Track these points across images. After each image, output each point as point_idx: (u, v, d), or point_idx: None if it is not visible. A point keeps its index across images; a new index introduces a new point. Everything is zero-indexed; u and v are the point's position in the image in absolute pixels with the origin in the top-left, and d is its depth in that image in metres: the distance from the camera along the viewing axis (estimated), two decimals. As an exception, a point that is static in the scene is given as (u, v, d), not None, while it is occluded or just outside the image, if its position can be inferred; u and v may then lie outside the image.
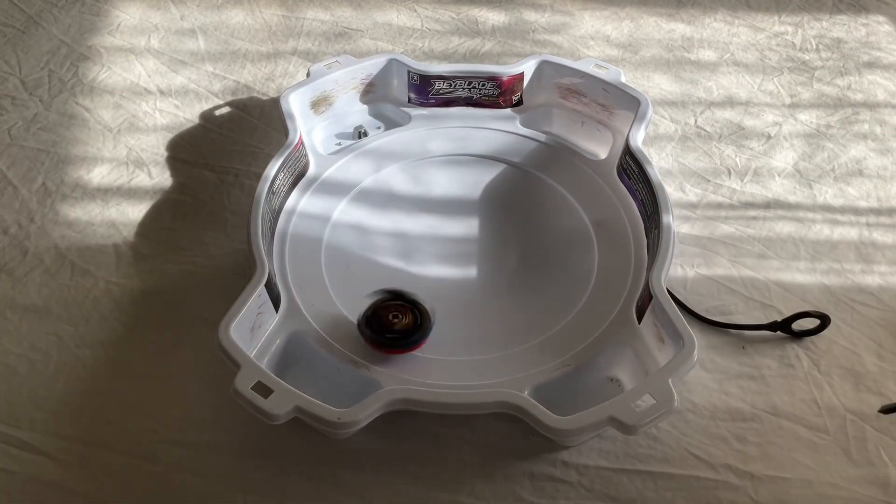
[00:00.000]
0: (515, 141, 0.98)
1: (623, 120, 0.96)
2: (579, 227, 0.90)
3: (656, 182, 0.86)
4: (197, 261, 0.91)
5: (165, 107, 1.07)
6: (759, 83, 1.12)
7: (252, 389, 0.70)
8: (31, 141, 1.02)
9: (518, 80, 0.99)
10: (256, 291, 0.77)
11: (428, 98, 1.00)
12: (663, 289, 0.77)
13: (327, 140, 0.99)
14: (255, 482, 0.74)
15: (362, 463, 0.76)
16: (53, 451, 0.76)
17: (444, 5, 1.23)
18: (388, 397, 0.71)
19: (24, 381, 0.81)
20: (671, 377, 0.71)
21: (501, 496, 0.74)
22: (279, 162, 0.88)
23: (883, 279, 0.91)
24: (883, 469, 0.76)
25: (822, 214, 0.97)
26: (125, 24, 1.18)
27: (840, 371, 0.83)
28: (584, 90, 0.99)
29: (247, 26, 1.18)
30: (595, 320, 0.81)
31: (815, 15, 1.23)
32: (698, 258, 0.92)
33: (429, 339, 0.79)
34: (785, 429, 0.79)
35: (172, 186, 0.98)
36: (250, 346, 0.76)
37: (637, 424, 0.68)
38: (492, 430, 0.77)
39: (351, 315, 0.82)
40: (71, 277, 0.89)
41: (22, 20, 1.18)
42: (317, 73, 0.98)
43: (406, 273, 0.87)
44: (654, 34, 1.19)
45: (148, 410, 0.79)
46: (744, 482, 0.75)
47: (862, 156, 1.04)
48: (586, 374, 0.79)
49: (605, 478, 0.75)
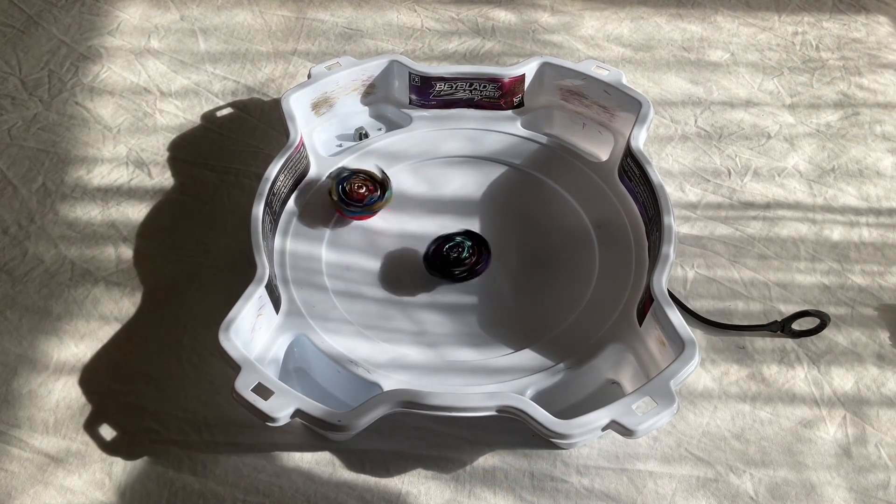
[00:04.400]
0: (516, 143, 0.98)
1: (624, 122, 0.96)
2: (580, 229, 0.90)
3: (657, 184, 0.86)
4: (197, 261, 0.91)
5: (165, 107, 1.07)
6: (759, 83, 1.12)
7: (252, 391, 0.70)
8: (31, 141, 1.02)
9: (519, 82, 0.99)
10: (257, 293, 0.77)
11: (429, 99, 1.00)
12: (664, 292, 0.77)
13: (328, 141, 0.99)
14: (256, 482, 0.75)
15: (362, 463, 0.76)
16: (53, 451, 0.76)
17: (444, 5, 1.23)
18: (389, 400, 0.71)
19: (24, 380, 0.81)
20: (672, 380, 0.71)
21: (501, 496, 0.74)
22: (280, 163, 0.88)
23: (882, 279, 0.91)
24: (883, 469, 0.76)
25: (823, 214, 0.97)
26: (125, 24, 1.18)
27: (840, 371, 0.83)
28: (585, 92, 0.99)
29: (247, 27, 1.18)
30: (596, 322, 0.82)
31: (816, 15, 1.23)
32: (698, 258, 0.92)
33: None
34: (785, 428, 0.79)
35: (172, 186, 0.98)
36: (250, 348, 0.76)
37: (638, 429, 0.68)
38: (492, 430, 0.77)
39: (352, 316, 0.82)
40: (71, 277, 0.89)
41: (22, 20, 1.18)
42: (318, 75, 0.98)
43: (407, 274, 0.87)
44: (655, 35, 1.19)
45: (148, 410, 0.79)
46: (744, 482, 0.75)
47: (862, 156, 1.04)
48: (587, 376, 0.79)
49: (605, 478, 0.75)
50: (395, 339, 0.81)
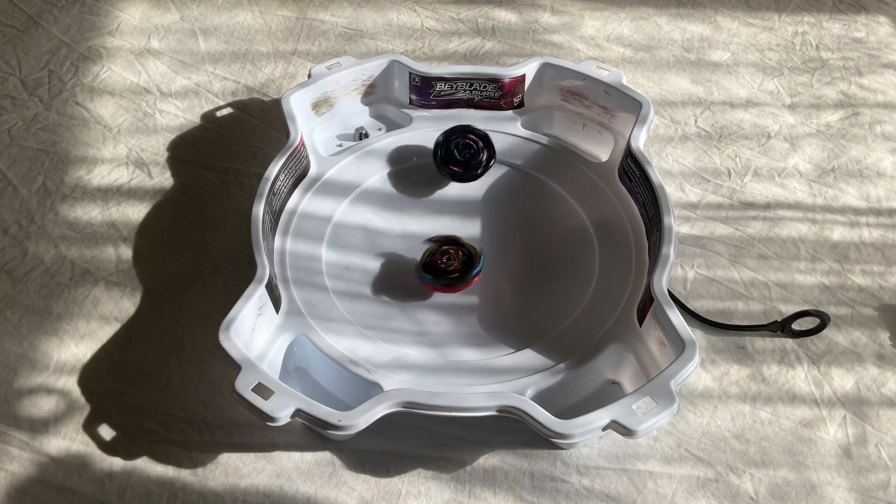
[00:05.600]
0: (516, 143, 0.98)
1: (624, 122, 0.96)
2: (580, 230, 0.90)
3: (658, 185, 0.86)
4: (197, 261, 0.91)
5: (165, 107, 1.07)
6: (759, 83, 1.12)
7: (252, 391, 0.70)
8: (31, 141, 1.02)
9: (519, 82, 0.99)
10: (257, 293, 0.77)
11: (429, 99, 1.00)
12: (665, 292, 0.77)
13: (328, 141, 0.99)
14: (256, 482, 0.75)
15: (362, 463, 0.76)
16: (53, 451, 0.76)
17: (444, 5, 1.23)
18: (389, 399, 0.71)
19: (25, 380, 0.81)
20: (673, 381, 0.71)
21: (501, 496, 0.74)
22: (280, 163, 0.88)
23: (882, 279, 0.91)
24: (883, 469, 0.76)
25: (823, 214, 0.97)
26: (125, 24, 1.18)
27: (840, 371, 0.83)
28: (585, 92, 0.99)
29: (247, 27, 1.18)
30: (596, 322, 0.82)
31: (816, 15, 1.23)
32: (698, 258, 0.92)
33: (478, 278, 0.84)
34: (785, 429, 0.79)
35: (172, 186, 0.98)
36: (251, 348, 0.76)
37: (639, 429, 0.68)
38: (492, 430, 0.77)
39: (352, 316, 0.82)
40: (71, 277, 0.89)
41: (22, 20, 1.18)
42: (318, 75, 0.98)
43: (407, 274, 0.87)
44: (655, 35, 1.19)
45: (148, 410, 0.79)
46: (744, 482, 0.75)
47: (862, 156, 1.04)
48: (587, 376, 0.79)
49: (605, 478, 0.75)
50: (395, 339, 0.81)
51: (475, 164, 0.93)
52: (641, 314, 0.80)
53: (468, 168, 0.93)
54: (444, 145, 0.93)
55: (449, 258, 0.84)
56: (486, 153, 0.93)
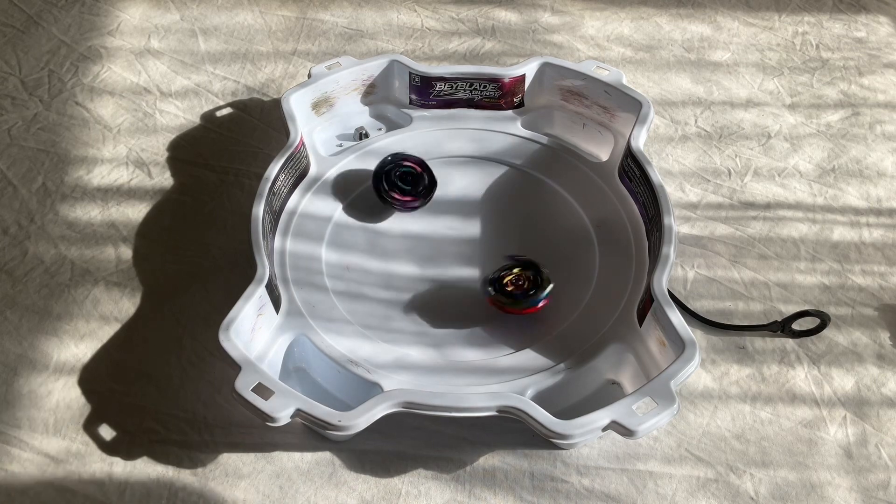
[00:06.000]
0: (517, 143, 0.98)
1: (624, 122, 0.96)
2: (580, 229, 0.90)
3: (658, 185, 0.86)
4: (197, 261, 0.91)
5: (165, 107, 1.07)
6: (759, 83, 1.12)
7: (252, 391, 0.70)
8: (31, 141, 1.02)
9: (519, 82, 0.99)
10: (257, 293, 0.77)
11: (429, 99, 1.00)
12: (665, 292, 0.77)
13: (328, 141, 0.99)
14: (256, 482, 0.74)
15: (362, 463, 0.76)
16: (53, 451, 0.76)
17: (444, 5, 1.23)
18: (389, 400, 0.71)
19: (24, 380, 0.81)
20: (673, 381, 0.71)
21: (501, 496, 0.74)
22: (280, 163, 0.88)
23: (883, 279, 0.91)
24: (883, 469, 0.76)
25: (823, 214, 0.97)
26: (125, 24, 1.18)
27: (840, 371, 0.83)
28: (585, 92, 0.99)
29: (247, 27, 1.18)
30: (596, 322, 0.81)
31: (816, 15, 1.23)
32: (698, 258, 0.92)
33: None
34: (785, 429, 0.79)
35: (172, 186, 0.98)
36: (250, 348, 0.76)
37: (639, 430, 0.68)
38: (492, 430, 0.77)
39: (352, 316, 0.82)
40: (71, 277, 0.89)
41: (22, 20, 1.18)
42: (318, 75, 0.98)
43: (407, 274, 0.87)
44: (655, 35, 1.19)
45: (148, 410, 0.79)
46: (744, 482, 0.75)
47: (863, 155, 1.04)
48: (587, 376, 0.79)
49: (605, 478, 0.75)
50: (396, 339, 0.81)
51: (422, 192, 0.91)
52: (641, 314, 0.80)
53: (415, 195, 0.91)
54: (384, 176, 0.90)
55: (518, 280, 0.82)
56: (427, 178, 0.91)
